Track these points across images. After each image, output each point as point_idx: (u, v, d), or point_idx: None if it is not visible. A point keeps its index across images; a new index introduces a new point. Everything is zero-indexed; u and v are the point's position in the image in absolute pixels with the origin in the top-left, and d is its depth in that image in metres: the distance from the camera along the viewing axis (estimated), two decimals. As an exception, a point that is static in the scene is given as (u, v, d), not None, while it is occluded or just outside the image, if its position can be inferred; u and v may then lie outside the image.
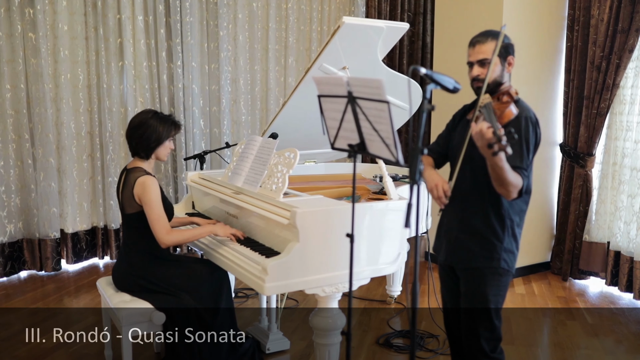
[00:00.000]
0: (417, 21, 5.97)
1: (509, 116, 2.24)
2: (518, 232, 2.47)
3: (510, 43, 2.41)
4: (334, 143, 2.43)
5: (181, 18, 5.26)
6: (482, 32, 2.42)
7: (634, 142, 4.46)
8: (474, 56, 2.40)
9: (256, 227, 3.18)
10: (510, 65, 2.42)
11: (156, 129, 3.06)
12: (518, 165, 2.24)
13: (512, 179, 2.17)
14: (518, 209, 2.44)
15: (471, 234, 2.43)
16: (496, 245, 2.39)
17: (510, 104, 2.25)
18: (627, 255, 4.47)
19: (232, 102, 5.64)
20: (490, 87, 2.37)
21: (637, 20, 4.31)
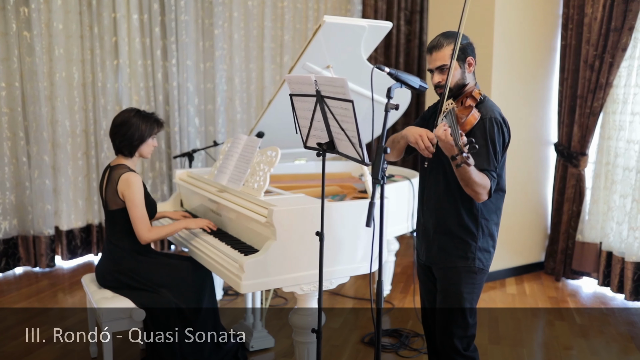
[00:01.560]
0: (413, 20, 5.97)
1: (472, 122, 2.22)
2: (495, 230, 2.46)
3: (467, 43, 2.40)
4: (305, 142, 2.44)
5: (176, 16, 5.28)
6: (438, 35, 2.41)
7: (626, 141, 4.43)
8: (432, 63, 2.39)
9: (238, 224, 3.20)
10: (471, 66, 2.41)
11: (139, 127, 3.09)
12: (485, 168, 2.23)
13: (479, 180, 2.17)
14: (493, 207, 2.44)
15: (446, 233, 2.44)
16: (470, 244, 2.39)
17: (472, 109, 2.23)
18: (619, 256, 4.44)
19: (228, 101, 5.66)
20: (453, 91, 2.36)
21: (630, 19, 4.28)
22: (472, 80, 2.42)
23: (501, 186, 2.37)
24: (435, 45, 2.37)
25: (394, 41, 5.95)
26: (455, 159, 1.94)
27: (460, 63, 2.36)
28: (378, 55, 5.93)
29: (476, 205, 2.38)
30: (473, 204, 2.38)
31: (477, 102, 2.32)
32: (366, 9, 5.89)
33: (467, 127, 2.21)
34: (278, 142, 3.80)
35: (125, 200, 3.07)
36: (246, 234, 3.12)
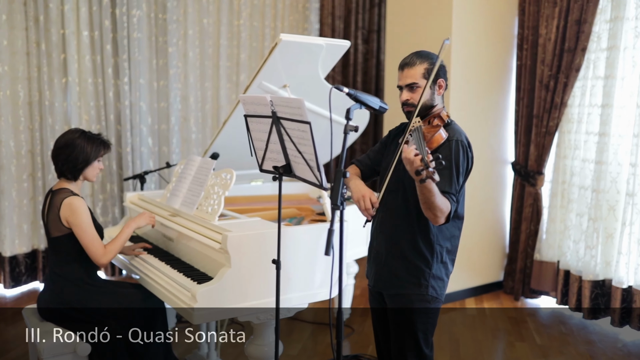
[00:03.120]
0: (371, 39, 5.96)
1: (438, 141, 2.16)
2: (449, 259, 2.39)
3: (441, 65, 2.35)
4: (261, 165, 2.33)
5: (128, 34, 5.12)
6: (411, 53, 2.35)
7: (582, 160, 4.47)
8: (402, 80, 2.33)
9: (191, 250, 3.06)
10: (441, 88, 2.36)
11: (84, 149, 2.93)
12: (447, 190, 2.16)
13: (440, 203, 2.09)
14: (449, 234, 2.37)
15: (399, 258, 2.35)
16: (424, 271, 2.31)
17: (440, 128, 2.18)
18: (576, 275, 4.45)
19: (182, 120, 5.51)
20: (420, 110, 2.30)
21: (583, 40, 4.34)
22: (440, 103, 2.36)
23: (459, 213, 2.30)
24: (407, 63, 2.31)
25: (351, 60, 5.92)
26: (420, 174, 1.86)
27: (431, 84, 2.30)
28: (336, 74, 5.89)
29: (432, 230, 2.31)
30: (429, 229, 2.31)
31: (445, 123, 2.26)
32: (324, 27, 5.85)
33: (434, 145, 2.15)
34: (233, 163, 3.69)
35: (71, 227, 2.89)
36: (200, 261, 2.98)
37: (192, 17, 5.39)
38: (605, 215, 4.24)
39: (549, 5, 4.57)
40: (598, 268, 4.28)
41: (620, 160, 4.19)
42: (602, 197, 4.25)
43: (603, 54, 4.32)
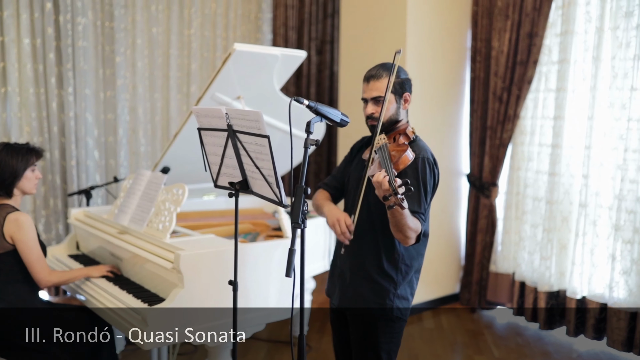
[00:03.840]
0: (324, 50, 5.90)
1: (405, 162, 2.09)
2: (414, 278, 2.33)
3: (406, 78, 2.28)
4: (216, 181, 2.21)
5: (73, 42, 4.91)
6: (377, 65, 2.28)
7: (535, 172, 4.50)
8: (368, 93, 2.26)
9: (141, 270, 2.90)
10: (407, 102, 2.30)
11: (8, 163, 2.75)
12: (416, 210, 2.10)
13: (412, 225, 2.02)
14: (415, 253, 2.30)
15: (364, 278, 2.27)
16: (389, 291, 2.24)
17: (407, 149, 2.10)
18: (532, 286, 4.47)
19: (130, 132, 5.31)
20: (385, 125, 2.23)
21: (535, 53, 4.38)
22: (405, 117, 2.30)
23: (425, 231, 2.25)
24: (373, 75, 2.23)
25: (305, 71, 5.84)
26: (387, 200, 1.79)
27: (397, 98, 2.23)
28: (289, 86, 5.80)
29: (398, 249, 2.24)
30: (395, 248, 2.24)
31: (410, 140, 2.20)
32: (276, 38, 5.75)
33: (401, 167, 2.07)
34: (185, 177, 3.54)
35: (15, 244, 2.71)
36: (150, 281, 2.83)
37: (140, 26, 5.21)
38: (559, 226, 4.28)
39: (501, 19, 4.61)
40: (553, 279, 4.32)
41: (572, 172, 4.25)
42: (556, 208, 4.29)
43: (554, 67, 4.37)
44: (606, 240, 4.03)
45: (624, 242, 3.88)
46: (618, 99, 3.95)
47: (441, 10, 4.77)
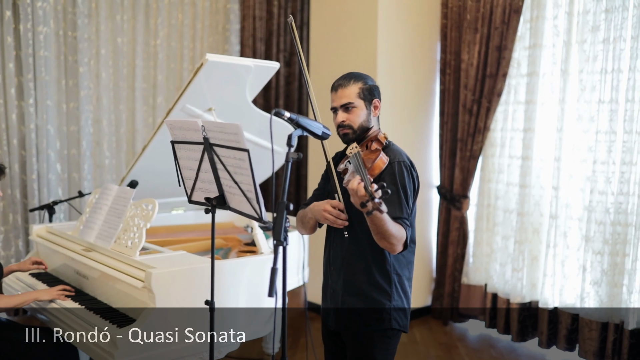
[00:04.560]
0: (293, 62, 5.86)
1: (380, 166, 2.05)
2: (408, 286, 2.27)
3: (374, 85, 2.25)
4: (190, 196, 2.12)
5: (34, 52, 4.74)
6: (344, 75, 2.25)
7: (505, 184, 4.52)
8: (337, 101, 2.22)
9: (110, 289, 2.77)
10: (377, 109, 2.26)
11: None
12: (399, 216, 2.04)
13: (395, 231, 1.97)
14: (405, 261, 2.25)
15: (356, 295, 2.20)
16: (385, 304, 2.18)
17: (379, 152, 2.06)
18: (504, 297, 4.47)
19: (94, 145, 5.15)
20: (357, 133, 2.18)
21: (504, 66, 4.42)
22: (376, 125, 2.26)
23: (412, 237, 2.20)
24: (341, 83, 2.20)
25: (273, 83, 5.78)
26: (365, 206, 1.73)
27: (366, 104, 2.20)
28: (257, 97, 5.72)
29: (388, 260, 2.19)
30: (385, 259, 2.18)
31: (383, 146, 2.15)
32: (244, 49, 5.68)
33: (376, 172, 2.02)
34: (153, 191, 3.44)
35: None
36: (119, 300, 2.71)
37: (105, 36, 5.07)
38: (530, 238, 4.30)
39: (470, 32, 4.64)
40: (525, 290, 4.32)
41: (542, 184, 4.27)
42: (527, 220, 4.31)
43: (523, 80, 4.41)
44: (577, 251, 4.06)
45: (594, 253, 3.91)
46: (586, 111, 4.00)
47: (411, 23, 4.78)
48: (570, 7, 4.06)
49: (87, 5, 4.97)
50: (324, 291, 2.38)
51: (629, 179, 3.72)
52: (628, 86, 3.73)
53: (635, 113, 3.70)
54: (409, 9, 4.76)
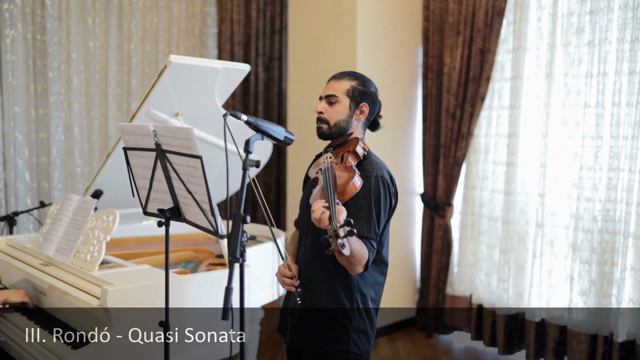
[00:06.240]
0: (272, 66, 5.70)
1: (351, 192, 1.88)
2: (373, 309, 2.10)
3: (372, 91, 2.11)
4: (145, 207, 1.95)
5: (0, 56, 4.55)
6: (346, 71, 2.14)
7: (490, 191, 4.39)
8: (324, 91, 2.09)
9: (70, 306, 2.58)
10: (362, 114, 2.10)
11: None
12: (365, 235, 1.88)
13: (356, 251, 1.80)
14: (372, 281, 2.08)
15: (315, 310, 2.04)
16: (345, 324, 2.01)
17: (354, 175, 1.88)
18: (489, 308, 4.33)
19: (66, 152, 4.95)
20: (332, 130, 2.03)
21: (487, 69, 4.29)
22: (359, 133, 2.11)
23: (383, 257, 2.03)
24: (336, 76, 2.09)
25: (252, 88, 5.62)
26: (326, 243, 1.59)
27: (352, 104, 2.05)
28: (236, 103, 5.57)
29: (352, 277, 2.02)
30: (349, 276, 2.02)
31: (361, 159, 1.99)
32: (222, 54, 5.52)
33: (346, 197, 1.85)
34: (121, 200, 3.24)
35: None
36: (77, 319, 2.52)
37: (76, 40, 4.89)
38: (515, 247, 4.16)
39: (453, 35, 4.51)
40: (511, 301, 4.18)
41: (528, 191, 4.14)
42: (512, 228, 4.17)
43: (507, 84, 4.29)
44: (564, 260, 3.92)
45: (582, 263, 3.78)
46: (572, 116, 3.88)
47: (391, 26, 4.64)
48: (554, 8, 3.95)
49: (56, 8, 4.78)
50: (285, 302, 2.22)
51: (616, 185, 3.59)
52: (614, 89, 3.61)
53: (622, 117, 3.58)
54: (390, 12, 4.62)
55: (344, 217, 1.66)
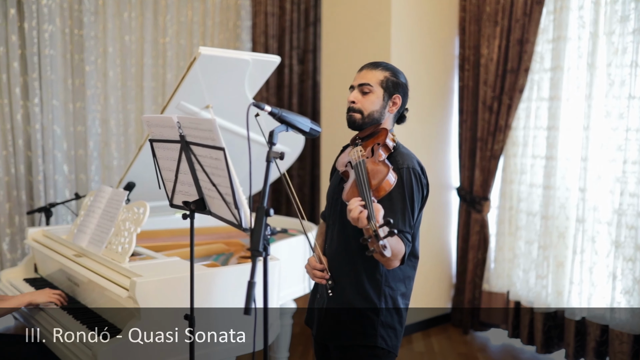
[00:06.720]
0: (306, 59, 5.66)
1: (386, 189, 1.81)
2: (402, 304, 2.04)
3: (404, 83, 2.06)
4: (171, 199, 1.94)
5: (39, 50, 4.62)
6: (378, 61, 2.09)
7: (529, 185, 4.26)
8: (357, 80, 2.04)
9: (101, 297, 2.61)
10: (395, 106, 2.05)
11: None
12: (400, 229, 1.83)
13: (394, 247, 1.75)
14: (402, 275, 2.03)
15: (342, 304, 1.99)
16: (371, 318, 1.96)
17: (388, 171, 1.82)
18: (527, 306, 4.21)
19: (102, 145, 5.02)
20: (365, 121, 1.98)
21: (526, 60, 4.16)
22: (389, 124, 2.05)
23: (415, 251, 1.98)
24: (368, 65, 2.04)
25: (286, 81, 5.60)
26: (367, 242, 1.54)
27: (385, 95, 2.00)
28: (270, 96, 5.55)
29: (380, 270, 1.97)
30: (377, 268, 1.97)
31: (391, 152, 1.93)
32: (256, 47, 5.51)
33: (381, 194, 1.79)
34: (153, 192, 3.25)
35: None
36: (109, 310, 2.54)
37: (112, 34, 4.94)
38: (555, 243, 4.03)
39: (490, 25, 4.39)
40: (550, 298, 4.05)
41: (568, 185, 4.01)
42: (552, 224, 4.04)
43: (547, 75, 4.15)
44: (606, 257, 3.78)
45: (625, 260, 3.63)
46: (615, 107, 3.72)
47: (427, 17, 4.54)
48: (597, -4, 3.80)
49: (93, 3, 4.84)
50: (312, 295, 2.18)
51: (662, 180, 3.44)
52: (661, 80, 3.46)
53: (668, 108, 3.42)
54: (425, 3, 4.52)
55: (382, 215, 1.61)
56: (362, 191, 1.69)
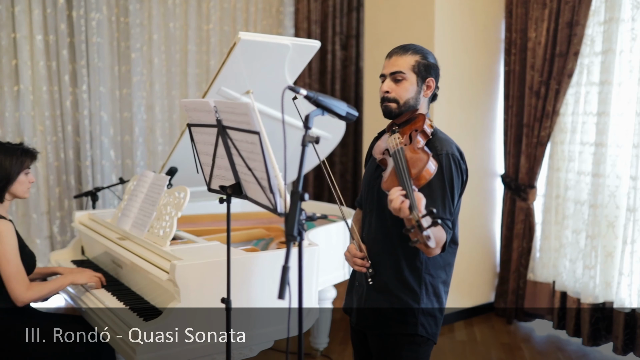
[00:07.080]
0: (349, 45, 5.62)
1: (427, 177, 1.76)
2: (443, 291, 2.02)
3: (434, 63, 2.01)
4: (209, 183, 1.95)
5: (87, 38, 4.73)
6: (403, 44, 2.03)
7: (577, 173, 4.13)
8: (387, 68, 1.99)
9: (143, 279, 2.66)
10: (429, 89, 2.01)
11: (2, 164, 2.53)
12: (441, 217, 1.79)
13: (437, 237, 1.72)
14: (442, 262, 2.00)
15: (381, 291, 1.98)
16: (412, 306, 1.94)
17: (428, 159, 1.77)
18: (574, 297, 4.10)
19: (148, 131, 5.11)
20: (401, 109, 1.94)
21: (576, 44, 4.01)
22: (424, 108, 2.01)
23: (454, 237, 1.94)
24: (397, 51, 1.98)
25: (329, 67, 5.57)
26: (410, 232, 1.52)
27: (419, 80, 1.96)
28: (313, 82, 5.54)
29: (420, 257, 1.94)
30: (417, 256, 1.94)
31: (429, 138, 1.89)
32: (299, 32, 5.50)
33: (422, 182, 1.75)
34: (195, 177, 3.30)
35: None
36: (151, 292, 2.60)
37: (157, 21, 5.01)
38: (604, 233, 3.89)
39: (538, 7, 4.25)
40: (597, 290, 3.93)
41: (618, 173, 3.86)
42: (600, 213, 3.91)
43: (597, 59, 4.00)
44: (658, 248, 3.64)
45: (678, 251, 3.49)
46: (671, 92, 3.56)
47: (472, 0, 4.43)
48: (653, -25, 3.62)
49: (139, -9, 4.92)
50: (350, 282, 2.17)
51: None
52: None
53: None
54: (471, -15, 4.41)
55: (424, 205, 1.58)
56: (402, 180, 1.66)
